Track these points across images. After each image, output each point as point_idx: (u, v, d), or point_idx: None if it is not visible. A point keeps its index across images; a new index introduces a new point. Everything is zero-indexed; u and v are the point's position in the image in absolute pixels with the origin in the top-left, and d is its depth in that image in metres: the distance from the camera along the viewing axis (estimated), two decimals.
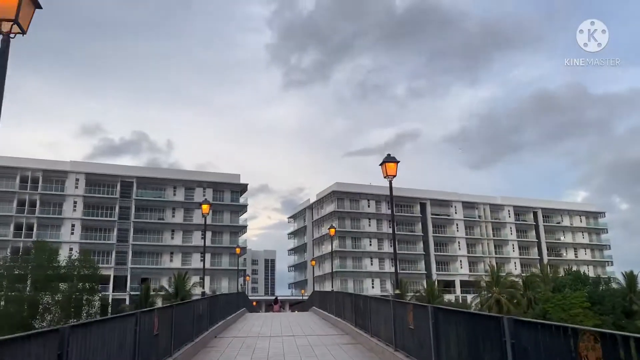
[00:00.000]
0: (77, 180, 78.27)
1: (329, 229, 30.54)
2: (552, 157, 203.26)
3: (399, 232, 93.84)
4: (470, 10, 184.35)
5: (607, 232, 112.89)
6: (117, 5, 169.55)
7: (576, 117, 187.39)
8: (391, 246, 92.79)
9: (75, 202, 77.63)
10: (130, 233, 79.84)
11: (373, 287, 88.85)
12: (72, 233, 76.15)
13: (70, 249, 69.92)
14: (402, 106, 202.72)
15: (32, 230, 73.46)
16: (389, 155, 13.56)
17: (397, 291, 12.52)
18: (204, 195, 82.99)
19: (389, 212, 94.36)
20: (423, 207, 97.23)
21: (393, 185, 12.93)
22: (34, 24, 6.09)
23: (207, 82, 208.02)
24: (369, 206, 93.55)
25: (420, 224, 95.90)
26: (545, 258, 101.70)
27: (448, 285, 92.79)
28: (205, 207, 21.43)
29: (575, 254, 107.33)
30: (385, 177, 13.36)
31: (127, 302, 71.57)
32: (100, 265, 66.81)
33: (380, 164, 13.54)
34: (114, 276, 76.15)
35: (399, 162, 13.40)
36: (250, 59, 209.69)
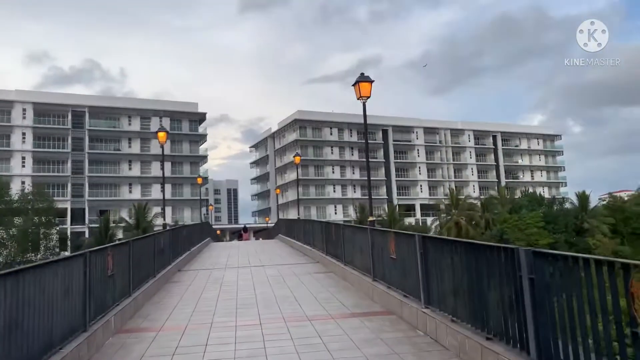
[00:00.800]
0: (24, 110, 73.72)
1: (293, 156, 29.68)
2: (511, 81, 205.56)
3: (361, 160, 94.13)
4: None
5: (562, 155, 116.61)
6: None
7: (535, 40, 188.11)
8: (354, 173, 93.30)
9: (24, 134, 73.55)
10: (85, 164, 76.88)
11: (336, 213, 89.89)
12: (23, 166, 72.74)
13: (23, 182, 67.09)
14: (363, 31, 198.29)
15: None
16: (362, 74, 12.48)
17: (371, 218, 11.91)
18: (160, 125, 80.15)
19: (352, 139, 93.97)
20: (385, 133, 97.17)
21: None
22: None
23: (159, 4, 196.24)
24: (331, 134, 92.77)
25: (382, 150, 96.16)
26: (503, 181, 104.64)
27: (409, 209, 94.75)
28: (161, 135, 20.00)
29: (531, 176, 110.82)
30: (359, 99, 12.34)
31: (87, 235, 70.20)
32: (56, 198, 64.57)
33: (354, 84, 12.47)
34: (72, 209, 73.99)
35: (373, 81, 12.36)
36: None
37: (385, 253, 8.42)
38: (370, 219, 11.82)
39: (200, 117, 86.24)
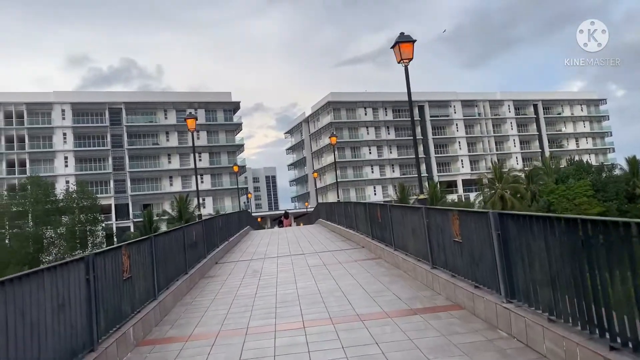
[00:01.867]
0: (63, 111, 74.99)
1: (329, 137, 28.42)
2: (547, 49, 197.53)
3: (398, 138, 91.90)
4: None
5: (608, 120, 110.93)
6: None
7: (570, 4, 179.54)
8: (391, 153, 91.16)
9: (64, 134, 74.90)
10: (125, 160, 77.81)
11: (375, 194, 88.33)
12: (66, 165, 74.15)
13: (67, 182, 68.55)
14: (393, 9, 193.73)
15: (25, 166, 71.45)
16: (402, 34, 11.02)
17: (422, 195, 10.55)
18: (190, 113, 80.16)
19: (387, 118, 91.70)
20: (421, 109, 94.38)
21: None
22: None
23: (191, 1, 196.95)
24: (365, 114, 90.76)
25: (419, 127, 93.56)
26: (547, 150, 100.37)
27: (450, 186, 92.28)
28: (190, 121, 19.09)
29: (576, 144, 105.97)
30: (399, 62, 10.91)
31: (132, 230, 71.25)
32: (99, 195, 65.69)
33: (393, 47, 11.04)
34: (115, 205, 75.15)
35: (415, 41, 10.89)
36: None
37: (447, 235, 7.08)
38: (421, 196, 10.47)
39: (235, 106, 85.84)
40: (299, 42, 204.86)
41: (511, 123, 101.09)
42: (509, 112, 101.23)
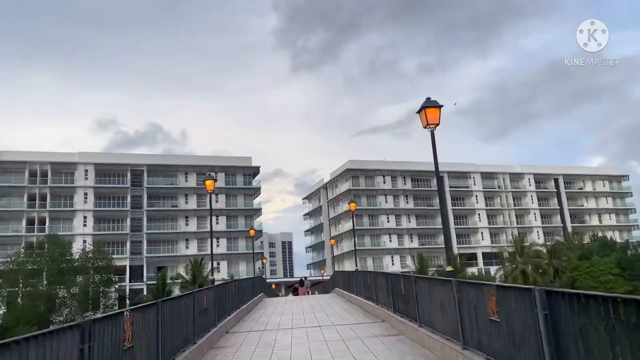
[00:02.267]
0: (86, 171, 76.49)
1: (348, 203, 28.04)
2: (566, 124, 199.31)
3: (417, 207, 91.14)
4: None
5: (631, 196, 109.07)
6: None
7: (589, 82, 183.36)
8: (409, 222, 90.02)
9: (85, 194, 75.94)
10: (143, 222, 78.11)
11: (393, 264, 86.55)
12: (85, 225, 74.60)
13: (84, 241, 68.58)
14: (412, 82, 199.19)
15: (45, 224, 72.03)
16: (428, 99, 10.82)
17: (449, 268, 9.92)
18: (215, 180, 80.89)
19: (406, 187, 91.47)
20: (440, 180, 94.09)
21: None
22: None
23: (216, 69, 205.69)
24: (384, 182, 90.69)
25: (438, 197, 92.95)
26: (569, 225, 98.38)
27: (470, 259, 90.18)
28: (209, 183, 18.93)
29: (599, 220, 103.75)
30: (425, 127, 10.64)
31: (145, 292, 70.22)
32: (115, 256, 65.35)
33: (419, 112, 10.79)
34: (130, 266, 74.70)
35: (442, 106, 10.66)
36: (258, 43, 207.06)
37: (481, 313, 6.42)
38: (448, 268, 9.84)
39: (254, 171, 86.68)
40: (319, 110, 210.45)
41: (532, 196, 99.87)
42: (530, 185, 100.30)
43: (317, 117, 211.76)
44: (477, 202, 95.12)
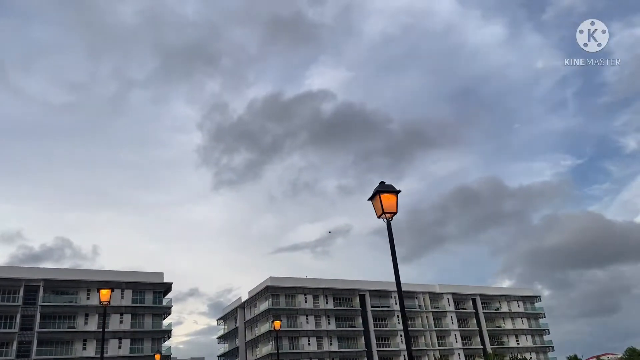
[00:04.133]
0: None
1: (272, 322, 25.45)
2: (476, 247, 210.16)
3: (339, 329, 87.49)
4: (391, 114, 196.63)
5: (544, 317, 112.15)
6: (42, 111, 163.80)
7: (494, 208, 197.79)
8: (331, 344, 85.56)
9: None
10: (33, 346, 68.22)
11: None
12: None
13: None
14: (331, 203, 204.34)
15: None
16: (382, 183, 9.43)
17: None
18: (121, 298, 74.06)
19: (328, 306, 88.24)
20: (362, 299, 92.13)
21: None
22: None
23: (135, 183, 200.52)
24: (306, 301, 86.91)
25: (360, 317, 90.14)
26: (489, 347, 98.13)
27: None
28: (104, 292, 16.01)
29: (517, 341, 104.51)
30: (379, 217, 9.12)
31: None
32: None
33: (371, 198, 9.29)
34: None
35: (399, 192, 9.22)
36: (180, 159, 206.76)
37: None
38: None
39: (165, 288, 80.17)
40: (239, 227, 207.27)
41: (451, 317, 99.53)
42: (449, 305, 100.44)
43: (236, 234, 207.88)
44: (398, 323, 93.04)
